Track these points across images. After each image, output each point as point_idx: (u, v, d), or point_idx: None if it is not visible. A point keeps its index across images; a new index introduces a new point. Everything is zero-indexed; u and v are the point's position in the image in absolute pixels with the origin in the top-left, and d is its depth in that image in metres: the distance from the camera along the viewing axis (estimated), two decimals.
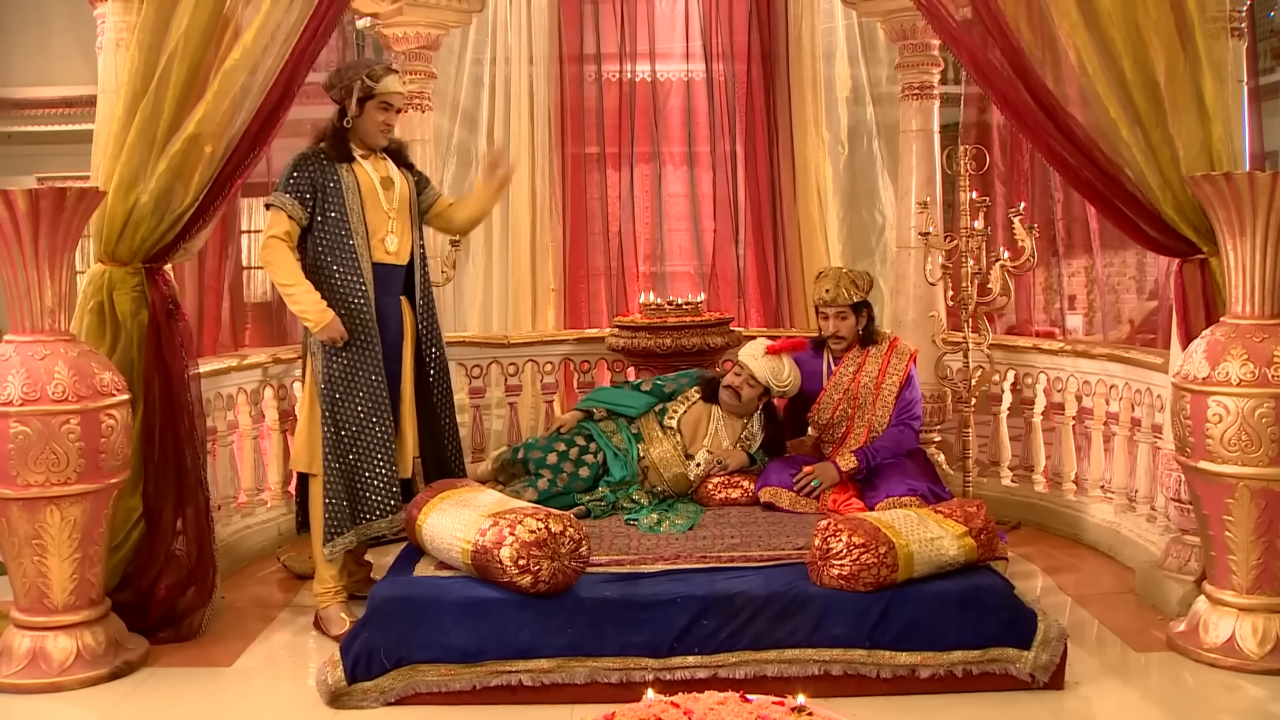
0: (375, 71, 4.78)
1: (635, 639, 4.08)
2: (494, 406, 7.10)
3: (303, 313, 4.63)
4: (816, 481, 5.21)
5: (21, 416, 4.14)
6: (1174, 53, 4.62)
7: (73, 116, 10.32)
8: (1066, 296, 9.17)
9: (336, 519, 4.68)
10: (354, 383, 4.69)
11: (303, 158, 4.74)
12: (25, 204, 4.11)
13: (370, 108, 4.78)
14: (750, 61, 8.27)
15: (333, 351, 4.67)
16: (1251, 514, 4.27)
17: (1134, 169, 4.72)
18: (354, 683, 4.05)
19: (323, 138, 4.81)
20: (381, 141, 4.88)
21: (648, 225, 8.47)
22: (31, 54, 10.94)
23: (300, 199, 4.68)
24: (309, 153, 4.76)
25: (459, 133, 8.42)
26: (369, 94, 4.76)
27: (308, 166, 4.72)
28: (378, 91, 4.76)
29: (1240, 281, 4.35)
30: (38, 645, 4.30)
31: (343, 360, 4.68)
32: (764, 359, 5.44)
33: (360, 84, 4.74)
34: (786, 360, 5.48)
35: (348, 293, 4.70)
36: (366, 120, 4.80)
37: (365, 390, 4.70)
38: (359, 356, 4.71)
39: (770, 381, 5.46)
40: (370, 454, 4.71)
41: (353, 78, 4.75)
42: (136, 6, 4.66)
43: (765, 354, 5.45)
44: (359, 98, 4.75)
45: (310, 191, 4.69)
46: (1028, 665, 4.08)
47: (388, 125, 4.86)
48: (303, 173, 4.70)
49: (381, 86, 4.77)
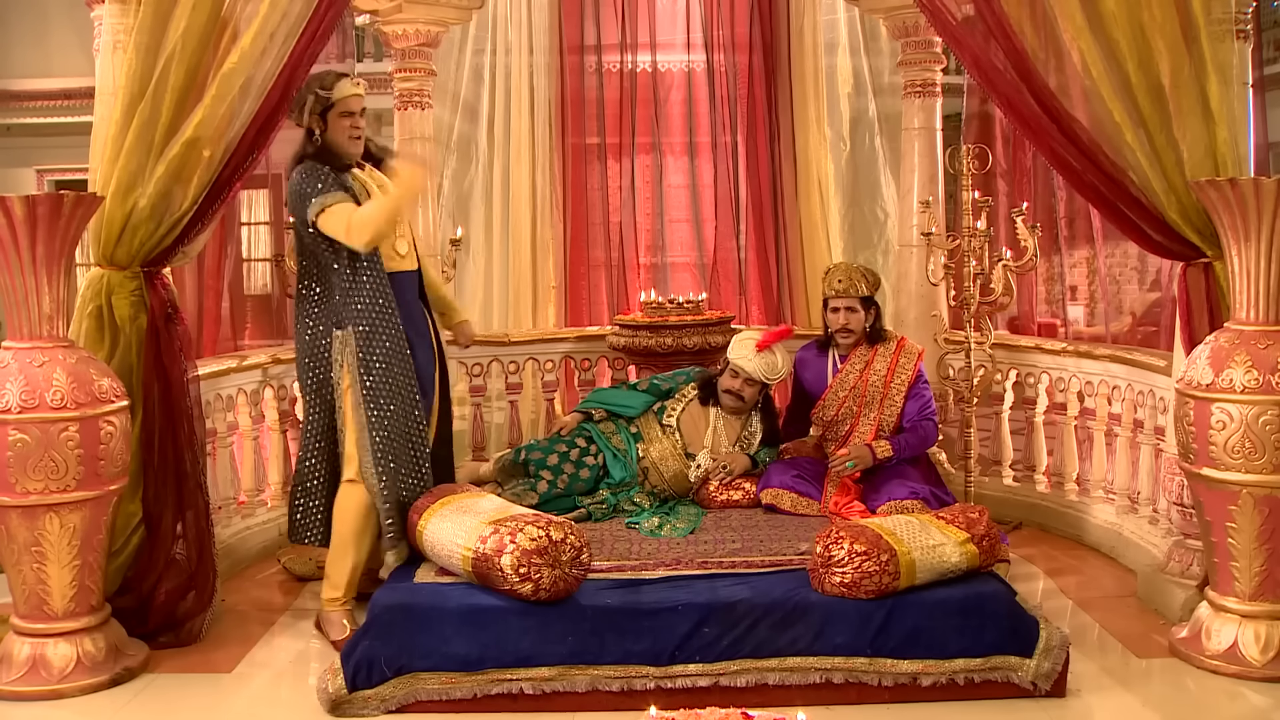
0: (327, 80, 4.71)
1: (636, 647, 4.07)
2: (494, 399, 7.10)
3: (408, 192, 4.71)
4: (851, 464, 5.23)
5: (20, 424, 4.12)
6: (1179, 55, 4.59)
7: (72, 109, 10.29)
8: (1068, 287, 9.14)
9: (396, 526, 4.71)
10: (392, 393, 4.71)
11: (309, 168, 4.66)
12: (22, 210, 4.08)
13: (333, 119, 4.72)
14: (751, 52, 8.22)
15: (369, 366, 4.66)
16: (1255, 521, 4.26)
17: (1138, 172, 4.69)
18: (355, 691, 4.05)
19: (302, 155, 4.73)
20: (355, 149, 4.80)
21: (648, 216, 8.44)
22: (31, 46, 10.91)
23: (341, 189, 4.63)
24: (310, 165, 4.68)
25: (460, 125, 8.38)
26: (328, 105, 4.69)
27: (319, 171, 4.65)
28: (334, 99, 4.70)
29: (1244, 287, 4.33)
30: (38, 652, 4.29)
31: (378, 374, 4.68)
32: (757, 358, 5.44)
33: (314, 98, 4.68)
34: (779, 351, 5.51)
35: (376, 297, 4.70)
36: (334, 133, 4.73)
37: (401, 402, 4.73)
38: (394, 370, 4.72)
39: (767, 378, 5.48)
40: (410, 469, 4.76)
41: (305, 94, 4.70)
42: (134, 8, 4.61)
43: (757, 351, 5.45)
44: (318, 112, 4.69)
45: (342, 187, 4.64)
46: (1030, 674, 4.07)
47: (355, 129, 4.78)
48: (321, 175, 4.63)
49: (337, 93, 4.70)
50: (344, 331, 4.69)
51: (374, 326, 4.68)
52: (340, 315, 4.70)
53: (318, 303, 4.79)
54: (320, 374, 4.80)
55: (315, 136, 4.73)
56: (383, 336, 4.70)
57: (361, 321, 4.67)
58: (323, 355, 4.78)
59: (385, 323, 4.71)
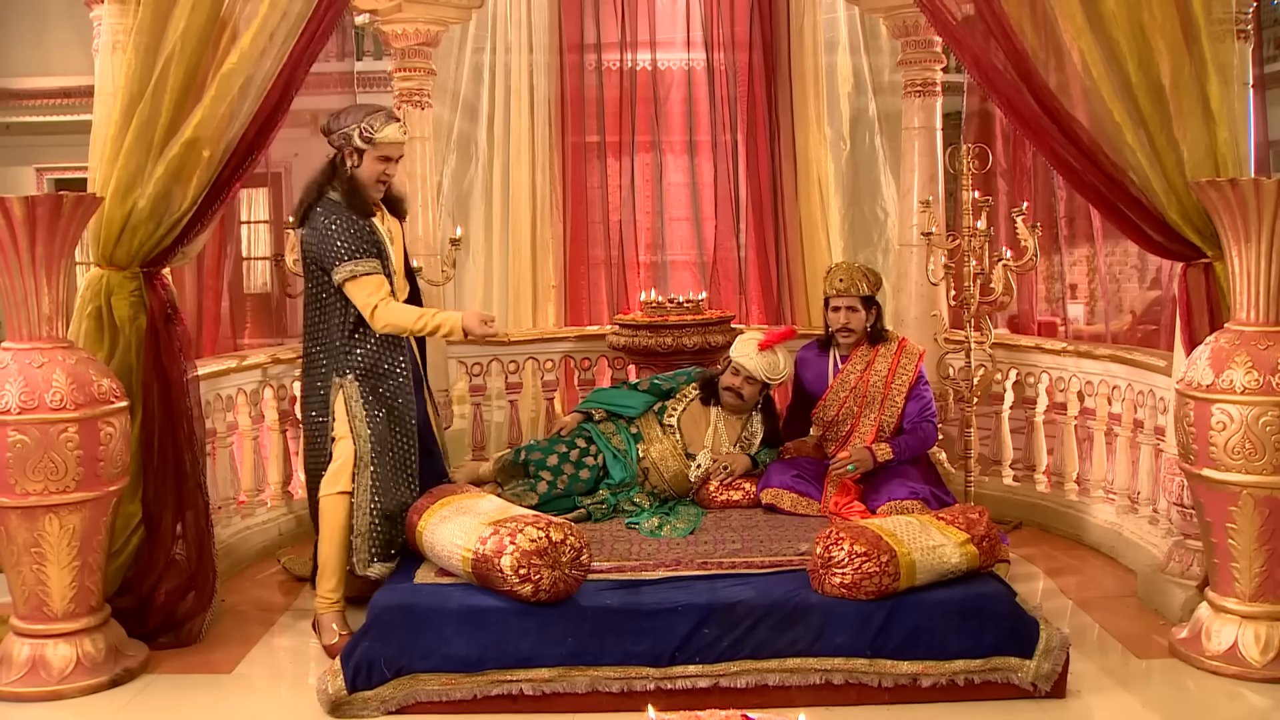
0: (375, 122, 4.65)
1: (636, 648, 4.06)
2: (494, 398, 7.11)
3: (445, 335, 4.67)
4: (852, 466, 5.23)
5: (20, 425, 4.11)
6: (1179, 55, 4.58)
7: (71, 107, 10.26)
8: (1068, 286, 9.14)
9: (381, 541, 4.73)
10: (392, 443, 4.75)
11: (342, 218, 4.63)
12: (21, 211, 4.07)
13: (369, 158, 4.68)
14: (751, 51, 8.22)
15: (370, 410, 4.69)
16: (1255, 522, 4.25)
17: (1138, 173, 4.68)
18: (354, 692, 4.04)
19: (326, 182, 4.71)
20: (376, 195, 4.77)
21: (648, 214, 8.44)
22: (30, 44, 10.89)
23: (374, 255, 4.63)
24: (339, 211, 4.65)
25: (460, 123, 8.38)
26: (368, 143, 4.65)
27: (353, 225, 4.62)
28: (377, 140, 4.65)
29: (1245, 288, 4.32)
30: (37, 653, 4.28)
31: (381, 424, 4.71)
32: (759, 356, 5.45)
33: (359, 131, 4.64)
34: (780, 352, 5.51)
35: (387, 352, 4.74)
36: (365, 172, 4.69)
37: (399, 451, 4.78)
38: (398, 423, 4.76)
39: (768, 377, 5.49)
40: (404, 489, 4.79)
41: (351, 125, 4.65)
42: (133, 9, 4.60)
43: (759, 351, 5.45)
44: (356, 147, 4.66)
45: (374, 251, 4.64)
46: (1030, 674, 4.07)
47: (386, 176, 4.75)
48: (355, 232, 4.61)
49: (381, 136, 4.65)
50: (344, 378, 4.71)
51: (375, 371, 4.71)
52: (341, 362, 4.71)
53: (326, 338, 4.78)
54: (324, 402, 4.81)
55: (345, 167, 4.70)
56: (385, 378, 4.74)
57: (361, 369, 4.70)
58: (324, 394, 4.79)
59: (394, 379, 4.76)
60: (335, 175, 4.72)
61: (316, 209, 4.68)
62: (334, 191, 4.70)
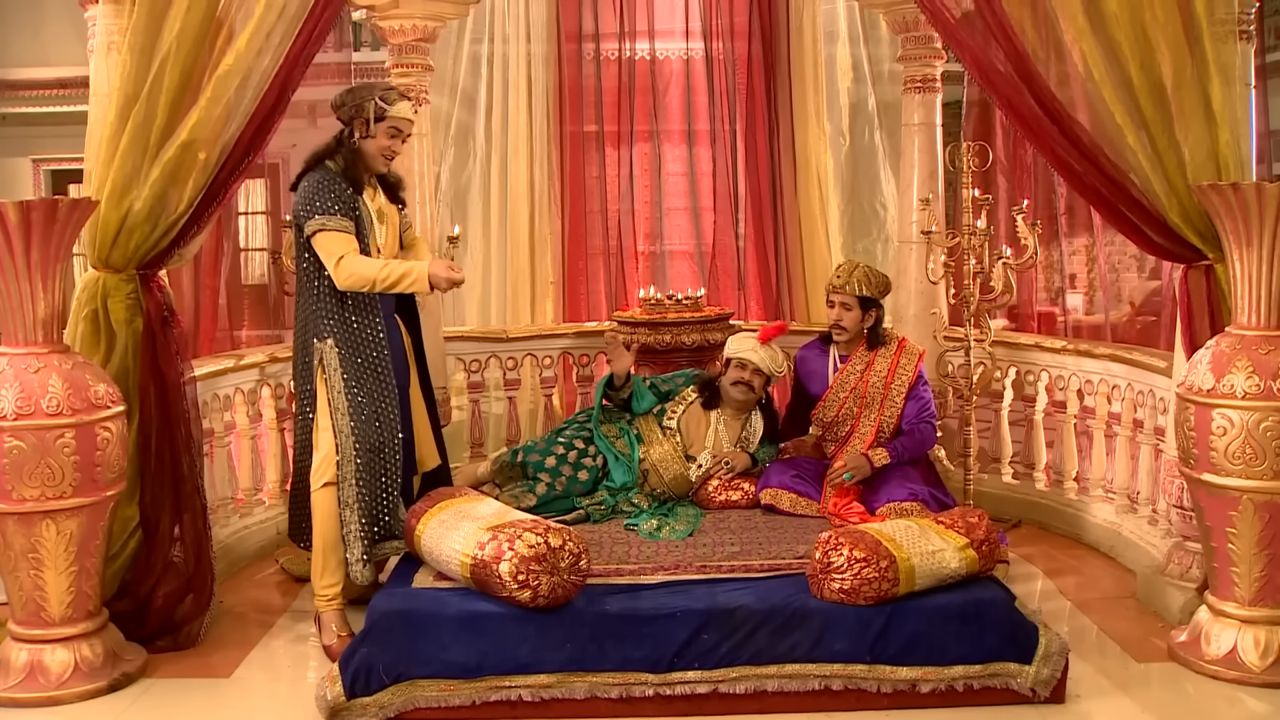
0: (390, 95, 4.74)
1: (635, 654, 4.06)
2: (492, 389, 7.09)
3: (410, 285, 4.58)
4: (849, 475, 5.21)
5: (16, 431, 4.10)
6: (1181, 56, 4.55)
7: (68, 98, 10.22)
8: (1067, 276, 9.11)
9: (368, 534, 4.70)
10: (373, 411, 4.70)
11: (328, 179, 4.65)
12: (16, 215, 4.04)
13: (379, 130, 4.73)
14: (750, 41, 8.16)
15: (349, 382, 4.66)
16: (1255, 527, 4.24)
17: (1140, 175, 4.66)
18: (353, 698, 4.02)
19: (327, 155, 4.74)
20: (382, 167, 4.83)
21: (647, 204, 8.40)
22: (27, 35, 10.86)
23: (348, 216, 4.62)
24: (328, 175, 4.67)
25: (458, 115, 8.34)
26: (381, 116, 4.70)
27: (336, 187, 4.63)
28: (390, 114, 4.71)
29: (1246, 292, 4.30)
30: (35, 658, 4.28)
31: (359, 391, 4.67)
32: (763, 350, 5.48)
33: (374, 105, 4.69)
34: (776, 346, 5.57)
35: (363, 326, 4.71)
36: (373, 142, 4.74)
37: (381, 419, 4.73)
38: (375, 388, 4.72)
39: (772, 370, 5.52)
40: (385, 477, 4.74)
41: (365, 98, 4.71)
42: (128, 8, 4.57)
43: (760, 345, 5.48)
44: (367, 118, 4.69)
45: (349, 214, 4.63)
46: (1029, 680, 4.06)
47: (392, 152, 4.81)
48: (336, 194, 4.62)
49: (395, 110, 4.72)
50: (323, 343, 4.69)
51: (354, 337, 4.69)
52: (320, 326, 4.69)
53: (305, 308, 4.78)
54: (309, 384, 4.79)
55: (353, 139, 4.73)
56: (364, 348, 4.71)
57: (340, 332, 4.68)
58: (308, 364, 4.78)
59: (369, 349, 4.72)
60: (339, 148, 4.76)
61: (310, 174, 4.72)
62: (332, 162, 4.74)
